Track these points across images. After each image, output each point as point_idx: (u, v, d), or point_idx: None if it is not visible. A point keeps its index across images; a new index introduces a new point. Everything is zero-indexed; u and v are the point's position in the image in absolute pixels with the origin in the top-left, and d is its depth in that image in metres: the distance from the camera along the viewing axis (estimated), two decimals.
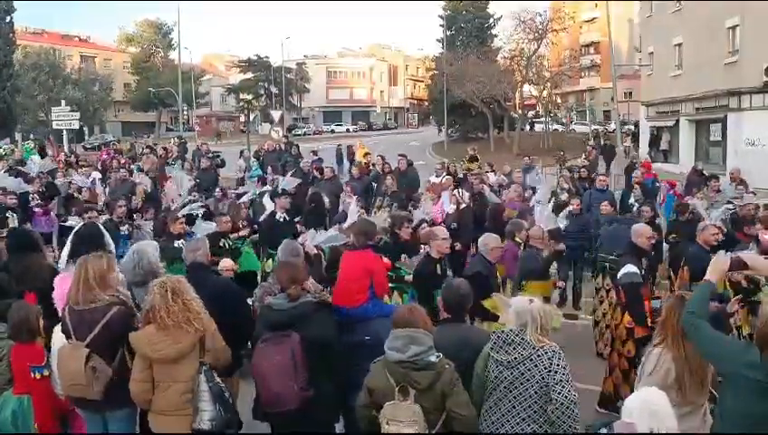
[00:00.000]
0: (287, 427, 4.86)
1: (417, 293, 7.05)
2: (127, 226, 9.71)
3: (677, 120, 31.91)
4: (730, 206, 10.18)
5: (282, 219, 9.99)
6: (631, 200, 12.21)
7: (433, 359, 3.96)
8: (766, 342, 3.47)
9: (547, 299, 8.14)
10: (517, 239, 8.10)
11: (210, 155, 20.14)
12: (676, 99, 31.25)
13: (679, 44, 31.02)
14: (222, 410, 4.46)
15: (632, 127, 41.87)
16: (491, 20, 52.29)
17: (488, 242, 7.11)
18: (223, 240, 8.62)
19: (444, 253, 7.23)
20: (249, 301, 6.30)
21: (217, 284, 5.75)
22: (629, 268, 6.58)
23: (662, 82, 32.81)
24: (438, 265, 7.08)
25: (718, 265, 4.14)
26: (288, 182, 12.35)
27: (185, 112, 65.73)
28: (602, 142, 32.98)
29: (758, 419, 3.48)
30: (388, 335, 4.16)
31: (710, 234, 7.59)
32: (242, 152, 21.44)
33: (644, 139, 36.20)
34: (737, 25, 26.10)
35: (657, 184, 14.44)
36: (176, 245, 7.84)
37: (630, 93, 49.86)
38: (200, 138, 41.54)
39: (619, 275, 6.77)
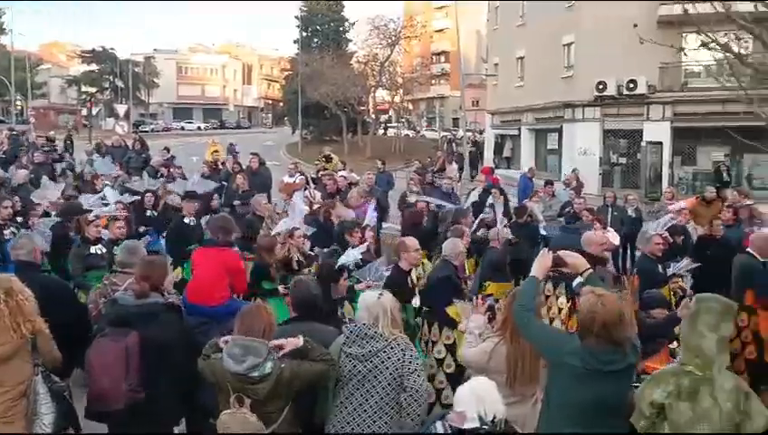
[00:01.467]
0: (120, 427, 4.63)
1: None
2: (11, 229, 8.39)
3: (519, 129, 33.82)
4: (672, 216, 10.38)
5: (190, 223, 9.38)
6: (491, 201, 12.30)
7: (268, 368, 3.82)
8: (584, 329, 3.76)
9: None
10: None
11: (47, 148, 18.86)
12: (519, 109, 33.11)
13: (522, 57, 32.90)
14: (62, 410, 4.29)
15: (478, 135, 43.75)
16: (346, 24, 52.82)
17: (457, 247, 7.07)
18: (115, 247, 8.06)
19: (415, 265, 7.18)
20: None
21: (47, 283, 5.40)
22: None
23: (506, 92, 34.65)
24: (409, 278, 6.98)
25: (542, 261, 4.41)
26: (201, 184, 11.87)
27: (18, 103, 60.97)
28: (454, 148, 34.20)
29: (580, 404, 3.75)
30: None
31: (655, 244, 8.00)
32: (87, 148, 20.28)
33: (489, 146, 38.01)
34: (572, 42, 28.11)
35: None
36: (92, 250, 7.29)
37: (478, 102, 52.13)
38: (36, 130, 38.69)
39: (574, 283, 6.78)
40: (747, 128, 14.29)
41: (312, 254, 8.28)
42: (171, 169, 15.06)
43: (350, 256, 7.27)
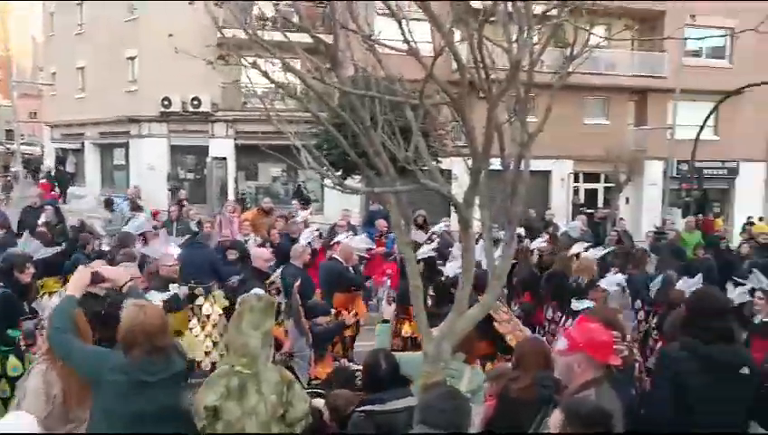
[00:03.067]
0: None
1: None
2: None
3: (83, 144, 31.89)
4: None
5: None
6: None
7: None
8: (129, 342, 3.68)
9: None
10: None
11: None
12: (81, 122, 31.11)
13: (83, 68, 31.07)
14: None
15: (37, 149, 40.09)
16: None
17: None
18: None
19: None
20: None
21: None
22: (258, 292, 6.52)
23: (67, 103, 32.22)
24: None
25: (78, 278, 4.17)
26: None
27: None
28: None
29: (125, 418, 3.66)
30: None
31: (307, 254, 8.93)
32: None
33: (50, 161, 35.00)
34: (136, 56, 27.59)
35: None
36: None
37: (36, 113, 47.65)
38: None
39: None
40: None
41: None
42: None
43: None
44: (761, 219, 25.35)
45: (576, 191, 30.00)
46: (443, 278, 7.95)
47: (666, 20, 27.25)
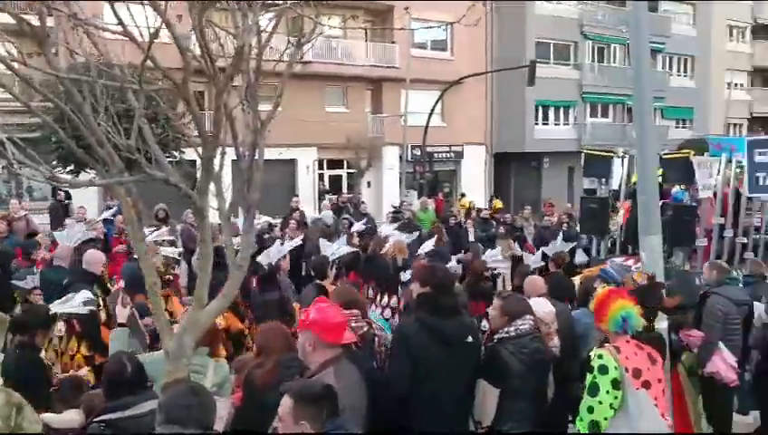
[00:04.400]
0: None
1: None
2: None
3: None
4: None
5: None
6: None
7: None
8: None
9: None
10: None
11: None
12: None
13: None
14: None
15: None
16: None
17: None
18: None
19: None
20: None
21: None
22: (85, 294, 6.46)
23: None
24: None
25: None
26: None
27: None
28: None
29: None
30: None
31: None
32: None
33: None
34: None
35: None
36: None
37: None
38: None
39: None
40: None
41: None
42: None
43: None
44: (497, 198, 28.39)
45: (321, 178, 30.86)
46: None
47: (394, 14, 28.96)
